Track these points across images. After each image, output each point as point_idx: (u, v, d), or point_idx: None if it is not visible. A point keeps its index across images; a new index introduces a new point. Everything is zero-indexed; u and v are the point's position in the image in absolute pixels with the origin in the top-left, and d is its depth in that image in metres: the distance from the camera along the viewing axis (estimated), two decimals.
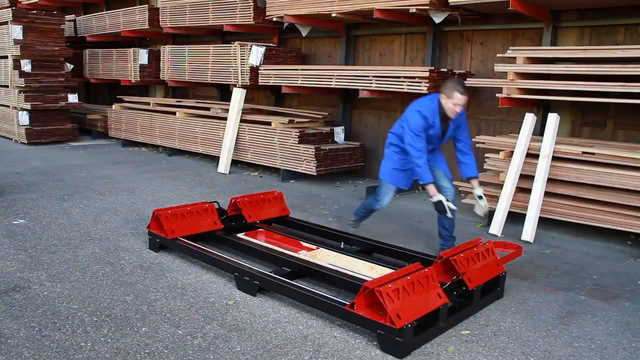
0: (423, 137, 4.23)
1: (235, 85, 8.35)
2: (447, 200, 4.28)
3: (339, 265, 4.03)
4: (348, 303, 3.14)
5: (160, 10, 9.76)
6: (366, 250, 4.44)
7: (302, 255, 4.17)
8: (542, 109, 6.09)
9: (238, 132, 8.15)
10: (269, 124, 7.82)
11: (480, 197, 4.52)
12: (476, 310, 3.53)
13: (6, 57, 10.27)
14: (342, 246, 4.51)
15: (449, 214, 4.30)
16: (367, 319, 3.04)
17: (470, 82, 6.10)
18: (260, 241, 4.57)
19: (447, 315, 3.25)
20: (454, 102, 4.13)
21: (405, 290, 3.04)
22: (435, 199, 4.27)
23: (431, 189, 4.24)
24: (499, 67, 5.64)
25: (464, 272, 3.49)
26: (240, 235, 4.62)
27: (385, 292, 2.94)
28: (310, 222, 5.12)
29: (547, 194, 5.25)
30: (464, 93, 4.12)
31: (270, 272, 3.76)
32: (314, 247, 4.35)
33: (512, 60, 5.67)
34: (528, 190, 5.35)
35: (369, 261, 4.06)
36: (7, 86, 10.42)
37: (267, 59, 8.18)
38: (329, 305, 3.27)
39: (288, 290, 3.49)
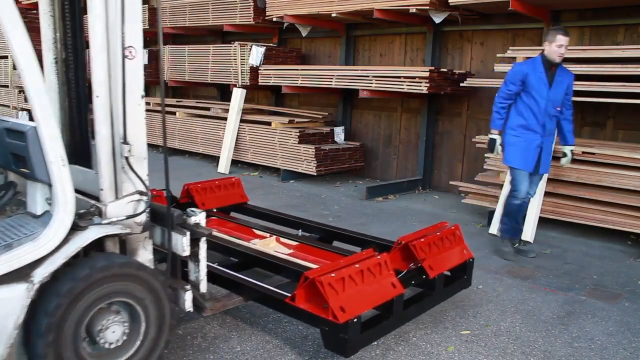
0: (513, 88, 4.43)
1: (235, 85, 8.35)
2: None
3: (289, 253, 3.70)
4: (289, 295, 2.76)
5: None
6: (326, 237, 4.09)
7: (253, 244, 3.83)
8: None
9: (238, 132, 8.15)
10: (269, 124, 7.82)
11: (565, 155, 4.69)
12: (439, 301, 3.27)
13: (6, 57, 10.28)
14: (300, 234, 4.18)
15: (493, 154, 4.70)
16: (308, 313, 2.65)
17: (470, 82, 6.11)
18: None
19: (403, 307, 2.91)
20: (557, 44, 4.28)
21: (352, 280, 2.68)
22: (489, 136, 4.61)
23: (493, 131, 4.58)
24: (499, 67, 5.64)
25: (423, 258, 3.15)
26: None
27: (327, 283, 2.57)
28: (269, 209, 4.74)
29: (547, 194, 5.25)
30: (566, 34, 4.31)
31: (214, 264, 3.29)
32: (267, 235, 4.01)
33: (512, 60, 5.66)
34: None
35: (324, 249, 3.71)
36: (7, 86, 10.43)
37: (267, 59, 8.17)
38: (270, 298, 2.91)
39: (231, 282, 3.13)
